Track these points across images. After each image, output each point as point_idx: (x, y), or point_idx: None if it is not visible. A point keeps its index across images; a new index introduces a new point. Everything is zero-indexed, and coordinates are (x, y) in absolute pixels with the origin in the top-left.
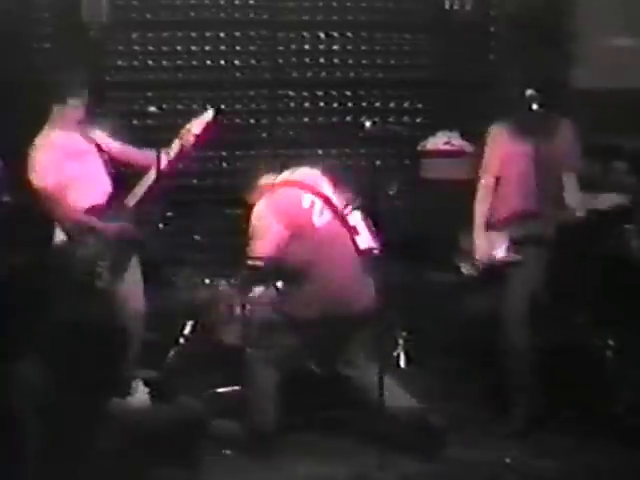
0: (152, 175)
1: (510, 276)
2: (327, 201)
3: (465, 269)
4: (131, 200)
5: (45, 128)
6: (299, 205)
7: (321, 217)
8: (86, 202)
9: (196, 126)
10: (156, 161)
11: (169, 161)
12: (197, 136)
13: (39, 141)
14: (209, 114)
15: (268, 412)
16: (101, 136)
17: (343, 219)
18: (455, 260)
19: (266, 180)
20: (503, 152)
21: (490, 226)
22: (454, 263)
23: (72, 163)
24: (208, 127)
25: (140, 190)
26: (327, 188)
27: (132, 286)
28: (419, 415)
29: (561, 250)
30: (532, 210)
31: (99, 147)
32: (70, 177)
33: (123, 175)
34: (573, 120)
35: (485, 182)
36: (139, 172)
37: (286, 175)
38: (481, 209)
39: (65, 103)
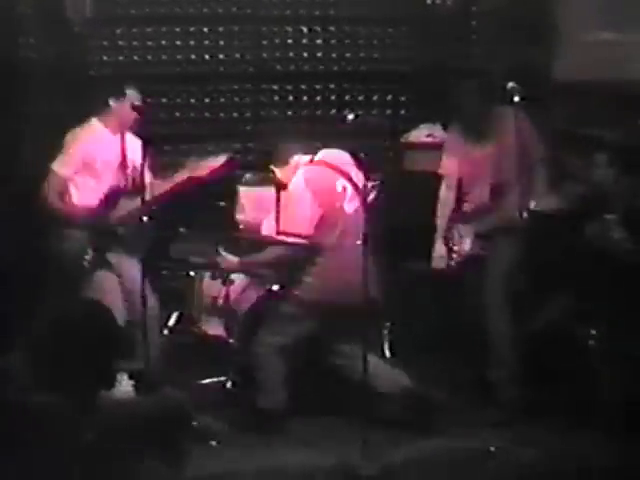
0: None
1: (485, 267)
2: (356, 188)
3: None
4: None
5: (93, 120)
6: (334, 187)
7: (350, 204)
8: (86, 200)
9: (203, 168)
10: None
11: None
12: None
13: (80, 129)
14: (221, 159)
15: (276, 393)
16: (133, 142)
17: (367, 207)
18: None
19: (300, 157)
20: (460, 154)
21: (455, 219)
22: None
23: (97, 166)
24: (215, 170)
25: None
26: (355, 174)
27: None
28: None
29: (537, 241)
30: (494, 205)
31: (126, 155)
32: (87, 176)
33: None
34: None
35: (447, 184)
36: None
37: (323, 154)
38: (442, 211)
39: (124, 97)
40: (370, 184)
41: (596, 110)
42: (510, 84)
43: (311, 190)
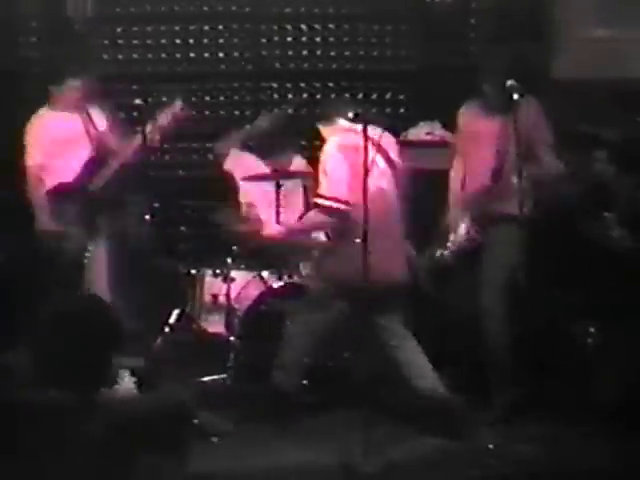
0: (115, 163)
1: (482, 258)
2: (391, 166)
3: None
4: (98, 182)
5: (42, 109)
6: (368, 160)
7: (379, 180)
8: (60, 178)
9: (164, 118)
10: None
11: (138, 147)
12: (164, 127)
13: (33, 120)
14: (176, 106)
15: (295, 374)
16: (96, 114)
17: (398, 183)
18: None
19: (341, 123)
20: (471, 131)
21: (455, 204)
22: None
23: (59, 146)
24: (175, 118)
25: (106, 172)
26: (394, 155)
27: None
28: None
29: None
30: (496, 188)
31: (92, 128)
32: (54, 158)
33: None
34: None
35: (456, 163)
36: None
37: (369, 129)
38: (453, 187)
39: (63, 84)
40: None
41: (595, 107)
42: (509, 82)
43: (343, 155)
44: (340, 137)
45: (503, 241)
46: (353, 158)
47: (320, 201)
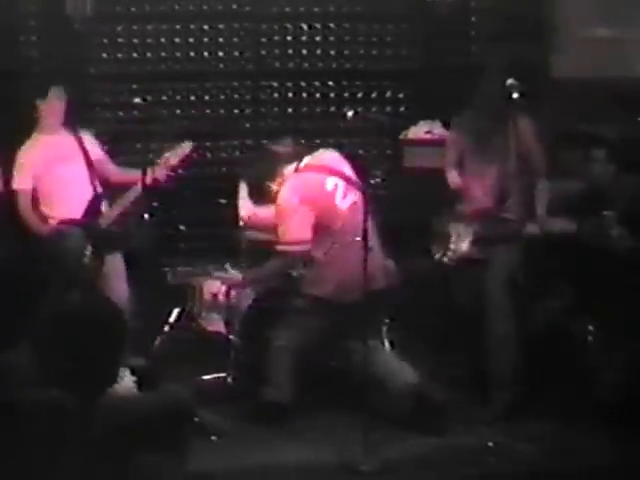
0: (126, 199)
1: (485, 265)
2: (350, 182)
3: (440, 257)
4: (104, 221)
5: (33, 134)
6: (323, 188)
7: (344, 200)
8: (62, 211)
9: (173, 160)
10: (133, 182)
11: (143, 187)
12: (173, 167)
13: (26, 145)
14: (187, 146)
15: (284, 387)
16: (90, 141)
17: (364, 199)
18: (432, 248)
19: (289, 168)
20: (460, 149)
21: (458, 218)
22: (432, 251)
23: (53, 168)
24: (185, 159)
25: (112, 213)
26: (348, 169)
27: (114, 274)
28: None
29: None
30: (494, 210)
31: (85, 152)
32: (50, 182)
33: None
34: (552, 110)
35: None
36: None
37: (308, 160)
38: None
39: (46, 96)
40: (373, 180)
41: (595, 107)
42: (509, 81)
43: (299, 196)
44: (290, 181)
45: (503, 251)
46: (309, 194)
47: (281, 247)
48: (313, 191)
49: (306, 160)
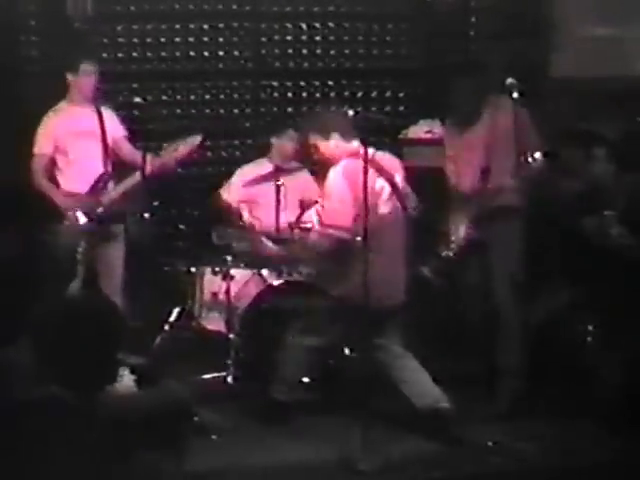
0: (131, 180)
1: (482, 257)
2: (396, 190)
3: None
4: (106, 198)
5: (61, 102)
6: (373, 185)
7: (386, 205)
8: (71, 184)
9: (182, 149)
10: (140, 165)
11: (151, 171)
12: (181, 157)
13: (52, 112)
14: (197, 139)
15: (293, 384)
16: (111, 119)
17: (404, 210)
18: (434, 245)
19: (346, 146)
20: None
21: (455, 210)
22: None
23: (72, 140)
24: (193, 150)
25: (117, 192)
26: (400, 178)
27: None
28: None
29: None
30: (485, 190)
31: (103, 130)
32: (67, 153)
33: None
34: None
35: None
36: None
37: (370, 152)
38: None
39: (77, 70)
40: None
41: (595, 106)
42: (509, 80)
43: (348, 182)
44: (346, 162)
45: (501, 238)
46: (358, 185)
47: (324, 228)
48: (362, 183)
49: (370, 152)
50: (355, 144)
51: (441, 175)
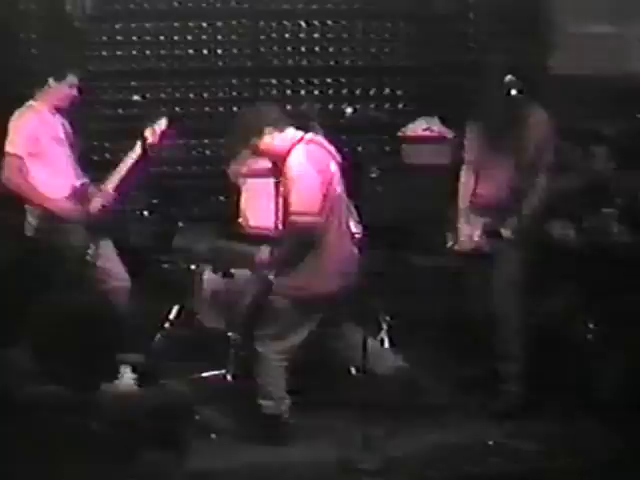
0: (132, 155)
1: (489, 261)
2: (341, 170)
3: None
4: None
5: (30, 102)
6: (329, 166)
7: (339, 185)
8: (55, 187)
9: (151, 135)
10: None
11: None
12: (152, 144)
13: (24, 109)
14: (163, 123)
15: (278, 396)
16: (69, 133)
17: (346, 183)
18: (443, 240)
19: (290, 134)
20: (479, 146)
21: (472, 210)
22: (436, 246)
23: (52, 143)
24: (163, 135)
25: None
26: (335, 150)
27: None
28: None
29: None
30: (502, 204)
31: (70, 140)
32: (41, 159)
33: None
34: (552, 107)
35: (466, 170)
36: None
37: (310, 136)
38: (464, 191)
39: (64, 79)
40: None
41: (593, 103)
42: (508, 78)
43: (313, 166)
44: (304, 148)
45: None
46: (322, 168)
47: (294, 218)
48: (323, 164)
49: (308, 136)
50: (291, 131)
51: (440, 173)
